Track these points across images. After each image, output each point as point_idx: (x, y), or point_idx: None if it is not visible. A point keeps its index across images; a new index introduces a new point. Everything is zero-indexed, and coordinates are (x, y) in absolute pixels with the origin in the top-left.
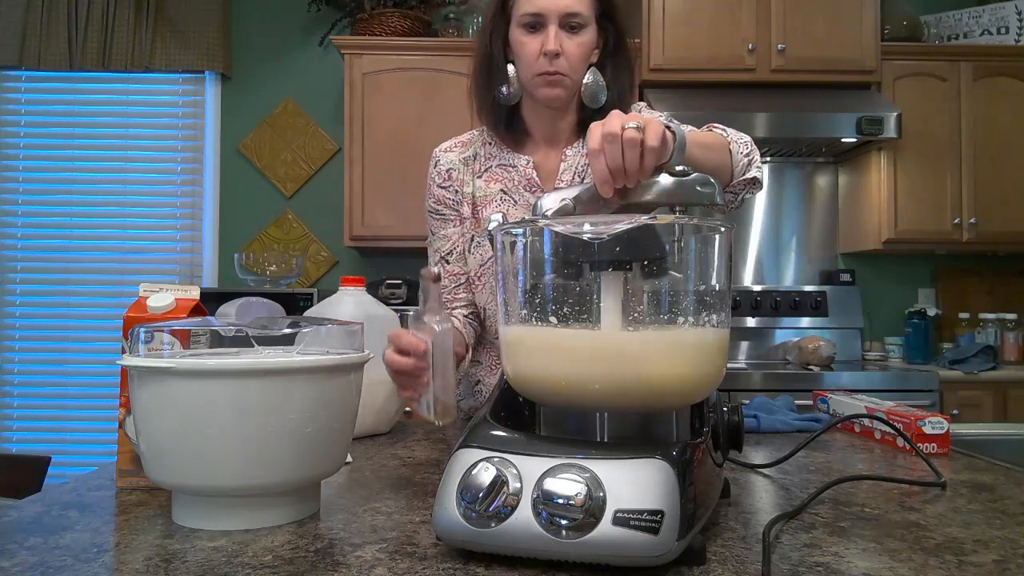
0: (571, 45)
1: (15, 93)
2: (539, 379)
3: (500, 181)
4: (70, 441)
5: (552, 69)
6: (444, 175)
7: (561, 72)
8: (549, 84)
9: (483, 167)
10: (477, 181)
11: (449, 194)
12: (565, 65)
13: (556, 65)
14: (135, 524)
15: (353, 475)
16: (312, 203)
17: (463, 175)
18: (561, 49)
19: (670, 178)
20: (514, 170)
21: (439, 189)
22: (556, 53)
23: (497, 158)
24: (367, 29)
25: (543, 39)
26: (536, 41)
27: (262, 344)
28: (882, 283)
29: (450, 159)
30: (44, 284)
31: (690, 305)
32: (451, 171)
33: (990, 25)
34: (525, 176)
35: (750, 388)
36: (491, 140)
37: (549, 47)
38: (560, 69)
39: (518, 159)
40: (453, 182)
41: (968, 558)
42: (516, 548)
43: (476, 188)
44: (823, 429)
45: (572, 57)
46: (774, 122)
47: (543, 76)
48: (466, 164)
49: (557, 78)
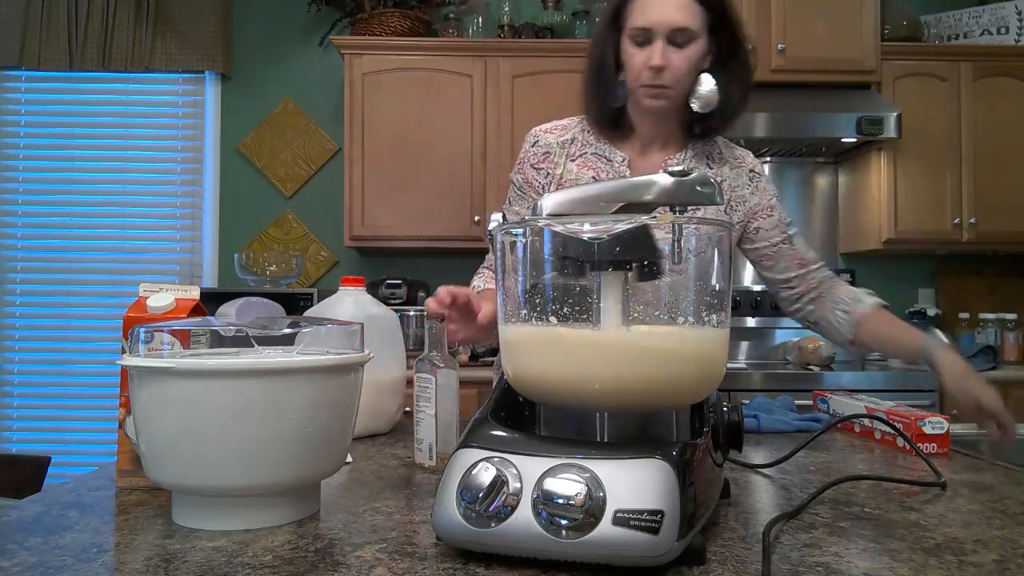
0: (677, 59)
1: (15, 93)
2: (539, 379)
3: (593, 169)
4: (70, 441)
5: (656, 82)
6: (540, 156)
7: (665, 85)
8: (653, 96)
9: (579, 152)
10: (570, 164)
11: (540, 176)
12: (670, 78)
13: (661, 79)
14: (135, 524)
15: (353, 475)
16: (312, 203)
17: (558, 157)
18: (667, 62)
19: (670, 178)
20: (609, 164)
21: (531, 168)
22: (661, 68)
23: (594, 147)
24: (367, 29)
25: (650, 52)
26: (643, 54)
27: (262, 344)
28: (882, 283)
29: (549, 140)
30: (44, 284)
31: (690, 305)
32: (548, 153)
33: (990, 25)
34: (618, 172)
35: (750, 388)
36: (590, 129)
37: (655, 62)
38: (664, 82)
39: (615, 153)
40: (547, 165)
41: (968, 558)
42: (516, 548)
43: (567, 170)
44: (823, 429)
45: (677, 71)
46: (774, 122)
47: (648, 88)
48: (563, 147)
49: (660, 91)
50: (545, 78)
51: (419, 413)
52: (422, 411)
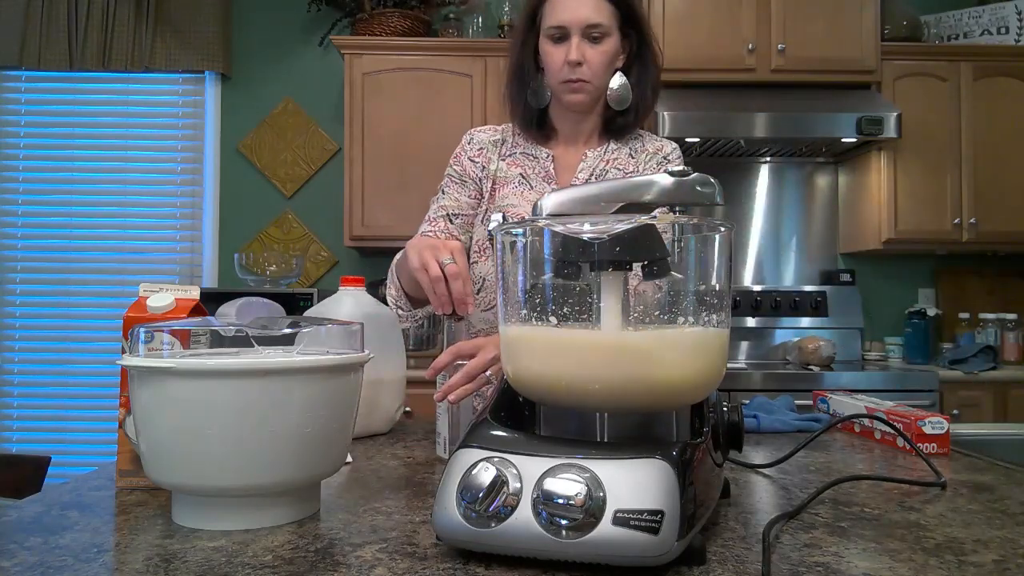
0: (593, 54)
1: (15, 93)
2: (539, 379)
3: (520, 167)
4: (70, 441)
5: (575, 77)
6: (475, 150)
7: (583, 79)
8: (573, 91)
9: (509, 152)
10: (501, 163)
11: (476, 168)
12: (587, 72)
13: (579, 73)
14: (135, 524)
15: (353, 475)
16: (312, 203)
17: (491, 154)
18: (583, 58)
19: (670, 178)
20: (535, 160)
21: (468, 160)
22: (578, 62)
23: (522, 147)
24: (367, 29)
25: (567, 49)
26: (560, 51)
27: (262, 344)
28: (882, 283)
29: (482, 138)
30: (44, 284)
31: (690, 305)
32: (482, 149)
33: (990, 25)
34: (544, 167)
35: (750, 388)
36: (520, 133)
37: (571, 57)
38: (582, 76)
39: (540, 151)
40: (482, 159)
41: (968, 558)
42: (516, 548)
43: (499, 168)
44: (823, 429)
45: (594, 65)
46: (774, 122)
47: (567, 83)
48: (495, 145)
49: (580, 85)
50: None
51: (439, 407)
52: (440, 405)
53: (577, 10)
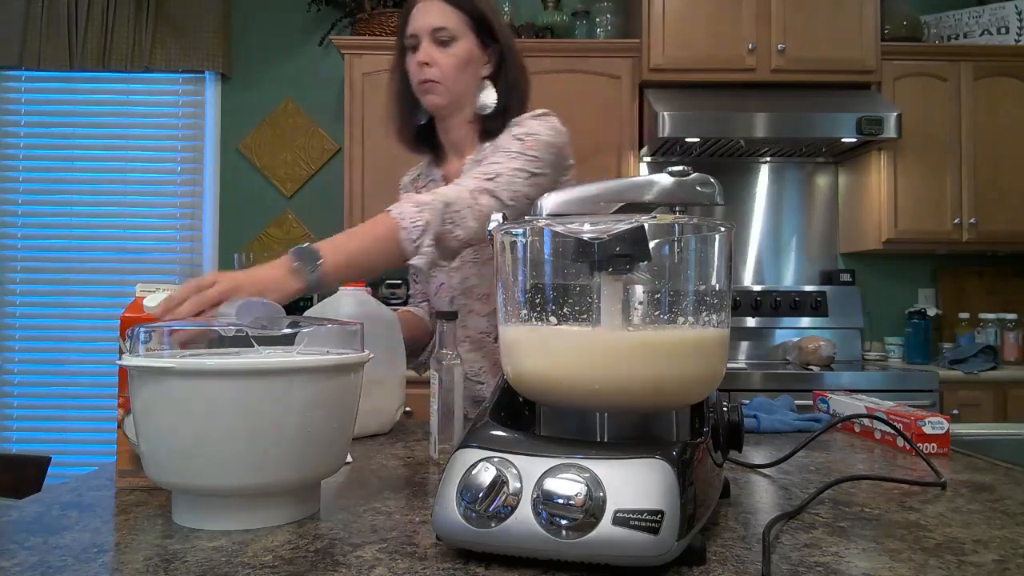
0: (441, 56)
1: (15, 93)
2: (539, 379)
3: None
4: (70, 441)
5: (424, 77)
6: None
7: (432, 79)
8: (425, 91)
9: (423, 184)
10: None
11: None
12: (436, 73)
13: (427, 73)
14: (135, 524)
15: (353, 475)
16: (312, 203)
17: (409, 191)
18: (431, 59)
19: (670, 178)
20: (436, 183)
21: None
22: (425, 63)
23: (430, 175)
24: (367, 29)
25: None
26: (415, 58)
27: (262, 344)
28: (882, 283)
29: (404, 181)
30: (44, 284)
31: (690, 305)
32: (406, 191)
33: (990, 25)
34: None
35: (750, 388)
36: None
37: (419, 58)
38: (431, 76)
39: (436, 173)
40: None
41: (968, 558)
42: (516, 548)
43: None
44: (823, 429)
45: (443, 66)
46: (774, 122)
47: (420, 85)
48: (413, 183)
49: (430, 85)
50: (544, 78)
51: (430, 408)
52: (432, 406)
53: (424, 18)
